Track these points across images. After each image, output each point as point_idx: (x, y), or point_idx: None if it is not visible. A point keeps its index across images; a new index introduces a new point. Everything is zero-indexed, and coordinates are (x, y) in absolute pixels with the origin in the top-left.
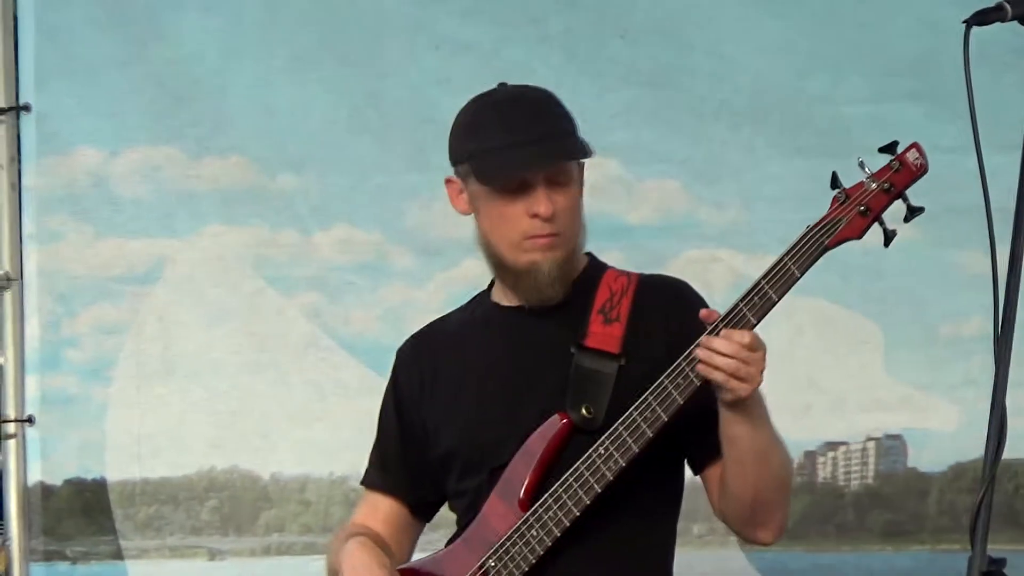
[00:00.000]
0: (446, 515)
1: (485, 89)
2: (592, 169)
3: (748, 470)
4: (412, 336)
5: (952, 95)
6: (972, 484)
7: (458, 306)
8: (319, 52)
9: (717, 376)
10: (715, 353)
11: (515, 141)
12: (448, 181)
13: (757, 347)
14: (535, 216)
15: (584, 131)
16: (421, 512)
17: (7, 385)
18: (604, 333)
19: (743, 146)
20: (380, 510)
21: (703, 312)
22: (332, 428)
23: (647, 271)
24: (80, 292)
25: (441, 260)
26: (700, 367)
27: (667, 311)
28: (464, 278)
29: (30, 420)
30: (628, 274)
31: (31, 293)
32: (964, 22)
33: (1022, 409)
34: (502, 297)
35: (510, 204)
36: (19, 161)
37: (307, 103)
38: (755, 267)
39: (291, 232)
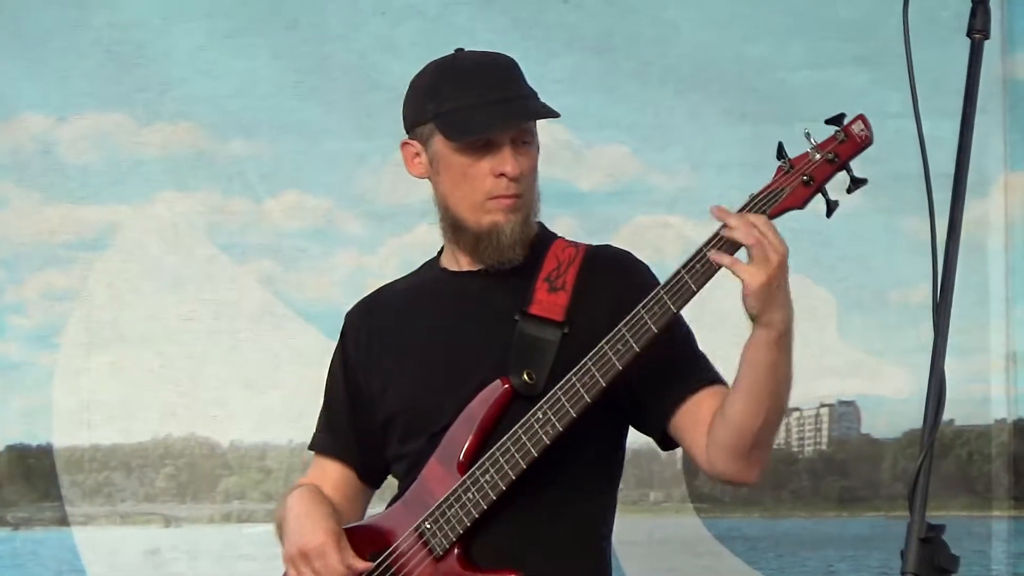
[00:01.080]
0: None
1: (430, 54)
2: (540, 134)
3: (764, 397)
4: (360, 301)
5: (898, 61)
6: None
7: (408, 272)
8: (264, 17)
9: (728, 261)
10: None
11: (483, 100)
12: (404, 144)
13: (772, 227)
14: (501, 175)
15: None
16: (369, 478)
17: None
18: (549, 301)
19: (690, 112)
20: (328, 475)
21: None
22: (290, 396)
23: (598, 236)
24: (26, 258)
25: (392, 225)
26: (712, 254)
27: (612, 281)
28: (417, 243)
29: None
30: (577, 245)
31: None
32: None
33: (976, 375)
34: (451, 262)
35: (474, 163)
36: None
37: (254, 69)
38: (705, 233)
39: (242, 199)
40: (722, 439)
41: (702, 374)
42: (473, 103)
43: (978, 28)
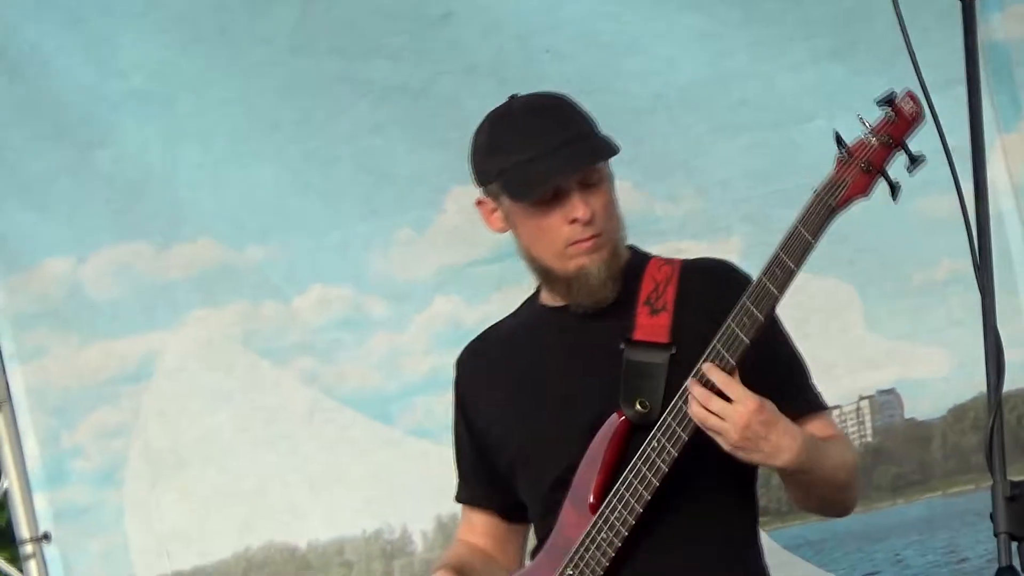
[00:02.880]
0: None
1: (417, 131)
2: None
3: (807, 493)
4: (468, 345)
5: (874, 46)
6: (974, 424)
7: (506, 315)
8: (253, 125)
9: (720, 441)
10: (697, 404)
11: (540, 152)
12: (479, 202)
13: (738, 397)
14: (574, 222)
15: None
16: (515, 518)
17: (16, 507)
18: (652, 324)
19: (685, 136)
20: (475, 524)
21: None
22: (354, 486)
23: None
24: (75, 402)
25: (413, 303)
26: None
27: (711, 292)
28: (439, 315)
29: (46, 537)
30: (672, 261)
31: (23, 413)
32: None
33: (1012, 340)
34: (550, 298)
35: (547, 215)
36: None
37: (253, 176)
38: (719, 253)
39: (271, 302)
40: (803, 506)
41: (802, 399)
42: (532, 156)
43: None
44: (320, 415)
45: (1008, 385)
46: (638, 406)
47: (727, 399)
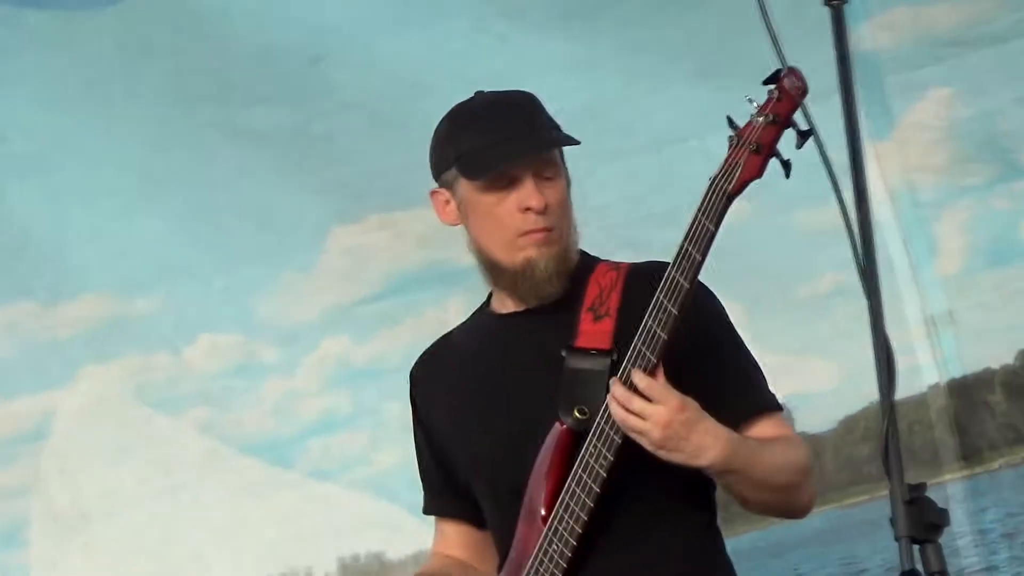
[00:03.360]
0: None
1: (284, 177)
2: (417, 220)
3: (744, 495)
4: (420, 356)
5: (741, 64)
6: (865, 435)
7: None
8: (131, 178)
9: (642, 440)
10: (617, 405)
11: (500, 137)
12: (433, 193)
13: (657, 397)
14: (527, 210)
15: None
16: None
17: None
18: (594, 331)
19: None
20: (448, 535)
21: None
22: (256, 532)
23: None
24: None
25: (301, 345)
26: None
27: (652, 296)
28: (329, 357)
29: None
30: (619, 266)
31: None
32: None
33: (899, 347)
34: (499, 304)
35: (500, 202)
36: None
37: (134, 228)
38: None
39: (161, 354)
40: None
41: (744, 401)
42: (490, 141)
43: None
44: (218, 463)
45: (897, 394)
46: (576, 413)
47: (648, 400)
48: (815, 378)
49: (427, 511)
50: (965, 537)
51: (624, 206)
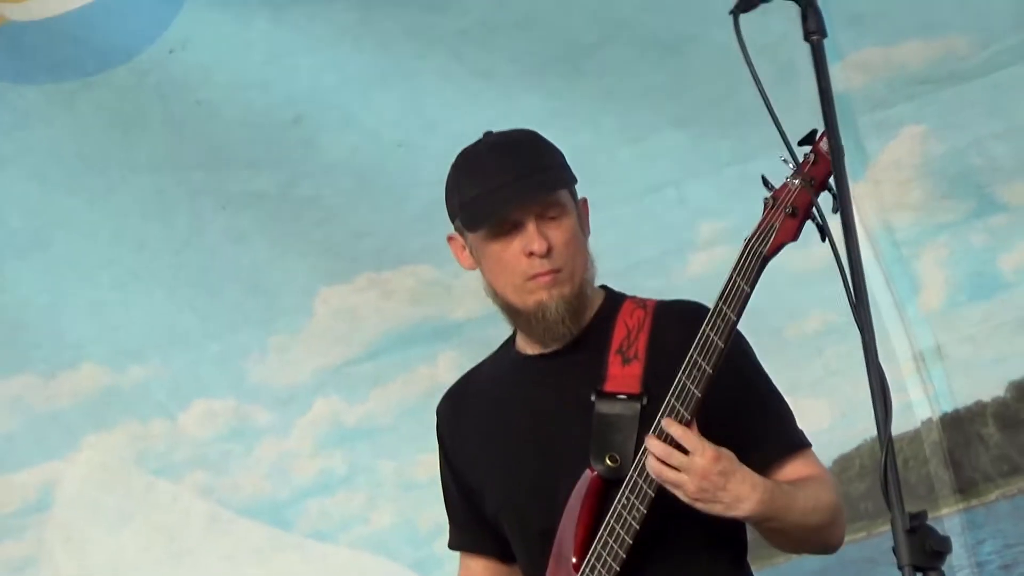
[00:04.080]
0: None
1: (283, 233)
2: (407, 277)
3: (779, 538)
4: (447, 392)
5: (713, 109)
6: (860, 472)
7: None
8: (121, 246)
9: (678, 492)
10: (655, 459)
11: (496, 184)
12: (450, 239)
13: (697, 448)
14: (531, 255)
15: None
16: (513, 559)
17: None
18: (623, 375)
19: None
20: (474, 569)
21: None
22: None
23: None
24: None
25: (294, 407)
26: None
27: (685, 339)
28: (321, 418)
29: None
30: (645, 304)
31: None
32: (731, 12)
33: (891, 385)
34: (524, 345)
35: (506, 248)
36: None
37: (126, 296)
38: None
39: (159, 421)
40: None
41: (773, 443)
42: (488, 188)
43: (812, 30)
44: (219, 527)
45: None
46: (608, 461)
47: (685, 452)
48: (808, 418)
49: (452, 545)
50: (964, 570)
51: (610, 255)
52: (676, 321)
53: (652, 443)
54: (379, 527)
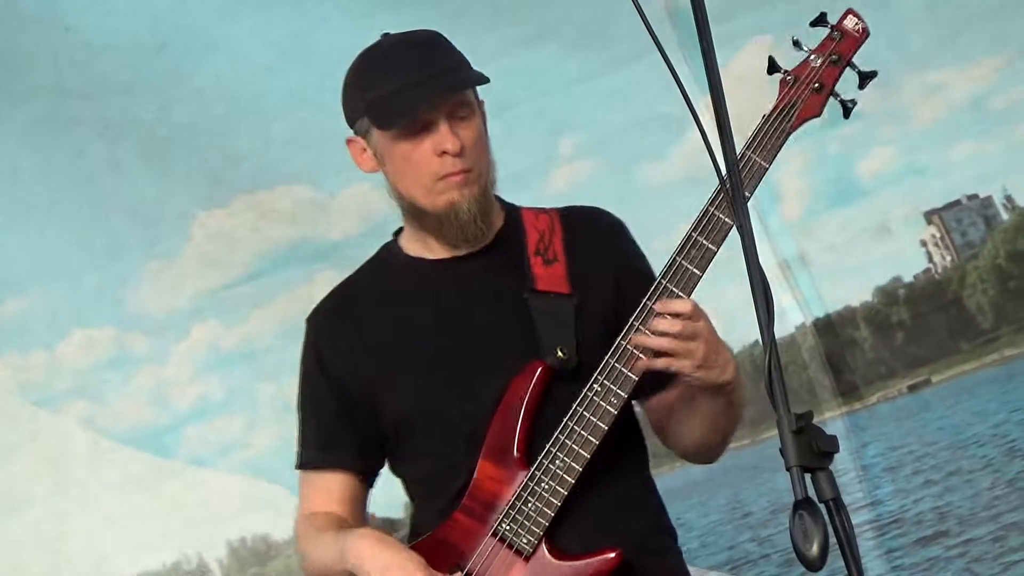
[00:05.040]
0: None
1: (159, 159)
2: (282, 198)
3: (715, 429)
4: (321, 304)
5: (560, 30)
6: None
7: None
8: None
9: (659, 363)
10: (650, 338)
11: (408, 82)
12: (349, 141)
13: (697, 316)
14: (443, 154)
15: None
16: (370, 480)
17: None
18: (549, 274)
19: None
20: (333, 489)
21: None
22: (147, 521)
23: None
24: None
25: (172, 334)
26: (639, 363)
27: (600, 240)
28: (199, 343)
29: None
30: (546, 210)
31: None
32: None
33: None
34: (422, 250)
35: (416, 147)
36: None
37: (4, 229)
38: None
39: (38, 352)
40: (685, 446)
41: None
42: (398, 86)
43: None
44: (102, 456)
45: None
46: (559, 353)
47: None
48: None
49: (310, 463)
50: (848, 474)
51: None
52: (586, 224)
53: (660, 323)
54: (259, 451)
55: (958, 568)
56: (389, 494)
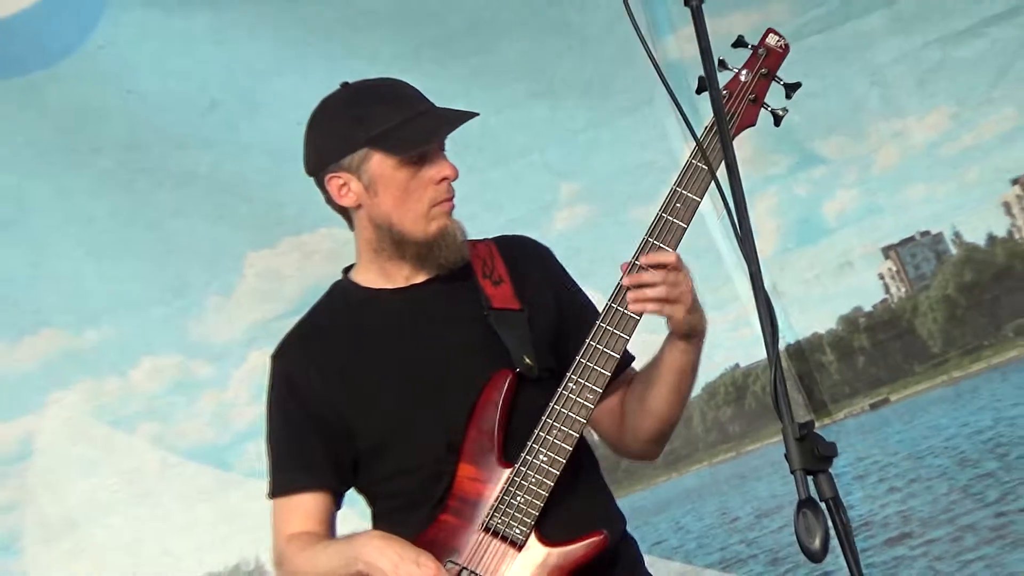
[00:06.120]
0: None
1: (213, 206)
2: (323, 239)
3: (678, 393)
4: (285, 341)
5: (567, 83)
6: (725, 398)
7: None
8: (72, 221)
9: (651, 308)
10: (644, 285)
11: (412, 114)
12: (329, 179)
13: (680, 266)
14: (443, 180)
15: None
16: (340, 501)
17: None
18: (500, 293)
19: None
20: (311, 511)
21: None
22: (211, 528)
23: None
24: None
25: (231, 360)
26: (633, 306)
27: (535, 262)
28: (255, 368)
29: None
30: (484, 240)
31: None
32: None
33: (739, 321)
34: (382, 280)
35: (415, 176)
36: None
37: (80, 268)
38: None
39: (112, 378)
40: (644, 429)
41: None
42: (404, 119)
43: None
44: (170, 471)
45: (746, 361)
46: (528, 361)
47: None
48: None
49: (289, 488)
50: None
51: (485, 214)
52: (519, 248)
53: (655, 274)
54: None
55: (921, 566)
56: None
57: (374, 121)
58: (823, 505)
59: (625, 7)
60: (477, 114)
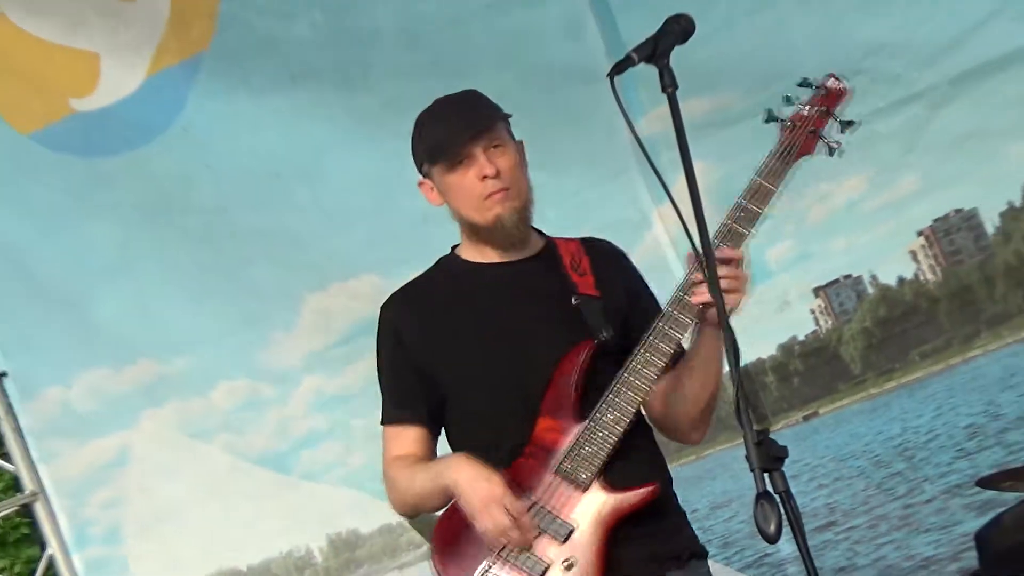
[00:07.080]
0: None
1: (275, 258)
2: (365, 284)
3: (712, 379)
4: (392, 298)
5: (563, 156)
6: None
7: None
8: (166, 270)
9: (731, 299)
10: (723, 279)
11: (452, 127)
12: (420, 184)
13: (742, 261)
14: (484, 177)
15: None
16: (436, 437)
17: (60, 568)
18: (583, 282)
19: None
20: (410, 439)
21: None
22: (271, 521)
23: None
24: (83, 487)
25: (290, 383)
26: (697, 297)
27: (614, 262)
28: (309, 390)
29: None
30: (571, 239)
31: (52, 499)
32: (608, 75)
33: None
34: (478, 256)
35: (463, 177)
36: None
37: (167, 307)
38: None
39: (194, 398)
40: (672, 413)
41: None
42: (444, 131)
43: (668, 84)
44: (239, 474)
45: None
46: (604, 334)
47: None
48: None
49: (395, 420)
50: None
51: None
52: (602, 249)
53: (722, 268)
54: (352, 469)
55: (844, 548)
56: None
57: (426, 136)
58: (777, 497)
59: (614, 96)
60: (502, 117)
